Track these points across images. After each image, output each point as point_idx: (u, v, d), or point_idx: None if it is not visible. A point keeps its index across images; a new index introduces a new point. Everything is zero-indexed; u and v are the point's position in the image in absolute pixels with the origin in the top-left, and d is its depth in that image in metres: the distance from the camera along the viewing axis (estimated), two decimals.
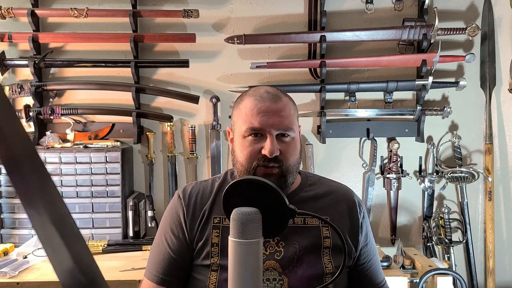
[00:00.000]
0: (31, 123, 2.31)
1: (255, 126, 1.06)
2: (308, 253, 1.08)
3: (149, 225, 2.30)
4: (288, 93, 1.18)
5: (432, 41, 2.24)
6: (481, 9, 2.36)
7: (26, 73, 2.34)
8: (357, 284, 1.17)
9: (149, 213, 2.29)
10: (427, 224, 2.37)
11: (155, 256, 1.14)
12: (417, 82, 2.27)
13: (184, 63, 2.28)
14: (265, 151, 1.05)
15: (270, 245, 1.08)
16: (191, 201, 1.15)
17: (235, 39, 2.24)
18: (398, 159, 2.36)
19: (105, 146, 2.23)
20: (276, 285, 1.05)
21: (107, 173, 2.18)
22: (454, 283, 2.10)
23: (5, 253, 2.01)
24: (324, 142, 2.34)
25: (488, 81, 2.35)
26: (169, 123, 2.32)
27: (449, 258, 2.34)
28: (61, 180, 2.17)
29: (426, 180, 2.38)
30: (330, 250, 1.09)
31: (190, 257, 1.12)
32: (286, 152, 1.08)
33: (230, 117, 1.21)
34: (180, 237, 1.12)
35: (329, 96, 2.33)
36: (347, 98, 2.34)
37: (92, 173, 2.18)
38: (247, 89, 1.25)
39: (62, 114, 2.29)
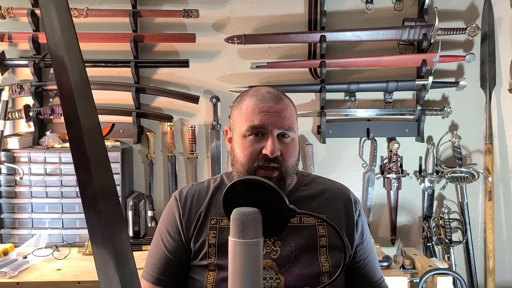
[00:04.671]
0: (31, 123, 2.31)
1: (256, 124, 1.07)
2: (304, 252, 1.08)
3: (149, 225, 2.30)
4: (288, 93, 1.19)
5: (432, 41, 2.24)
6: (481, 9, 2.36)
7: (26, 73, 2.34)
8: (354, 282, 1.17)
9: (149, 213, 2.29)
10: (427, 224, 2.37)
11: (152, 256, 1.15)
12: (417, 82, 2.27)
13: (184, 63, 2.28)
14: (266, 151, 1.05)
15: (266, 245, 1.08)
16: (187, 203, 1.16)
17: (235, 39, 2.24)
18: (398, 159, 2.36)
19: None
20: (272, 284, 1.05)
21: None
22: (454, 283, 2.10)
23: (5, 253, 2.01)
24: (324, 142, 2.34)
25: (488, 81, 2.35)
26: (169, 123, 2.32)
27: (449, 258, 2.34)
28: (61, 180, 2.17)
29: (426, 180, 2.38)
30: (327, 249, 1.10)
31: (187, 258, 1.13)
32: (285, 153, 1.08)
33: (229, 117, 1.20)
34: (176, 238, 1.13)
35: (329, 96, 2.33)
36: (347, 98, 2.34)
37: None
38: (247, 89, 1.25)
39: (62, 114, 2.28)
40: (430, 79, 2.22)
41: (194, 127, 2.35)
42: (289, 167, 1.09)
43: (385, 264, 1.95)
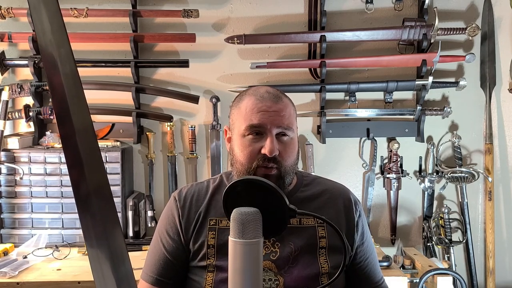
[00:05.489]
0: (31, 123, 2.31)
1: (255, 123, 1.06)
2: (303, 254, 1.08)
3: (149, 225, 2.30)
4: (288, 93, 1.19)
5: (432, 41, 2.24)
6: (481, 9, 2.36)
7: (26, 73, 2.33)
8: (354, 282, 1.17)
9: (149, 213, 2.29)
10: (427, 224, 2.37)
11: (151, 257, 1.15)
12: (417, 82, 2.27)
13: (184, 63, 2.28)
14: (265, 150, 1.05)
15: (265, 246, 1.08)
16: (186, 203, 1.16)
17: (235, 39, 2.24)
18: (398, 159, 2.36)
19: (105, 146, 2.23)
20: (271, 285, 1.05)
21: (107, 173, 2.18)
22: (454, 283, 2.10)
23: (5, 253, 2.01)
24: (324, 142, 2.34)
25: (488, 81, 2.35)
26: (169, 123, 2.32)
27: (449, 258, 2.34)
28: (61, 180, 2.17)
29: (426, 180, 2.38)
30: (326, 250, 1.10)
31: (186, 259, 1.13)
32: (284, 152, 1.08)
33: (229, 116, 1.20)
34: (176, 239, 1.13)
35: (329, 96, 2.33)
36: (347, 98, 2.34)
37: None
38: (246, 88, 1.25)
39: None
40: (430, 79, 2.22)
41: (194, 127, 2.35)
42: (288, 166, 1.09)
43: (385, 264, 1.95)
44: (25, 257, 1.98)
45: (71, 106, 0.48)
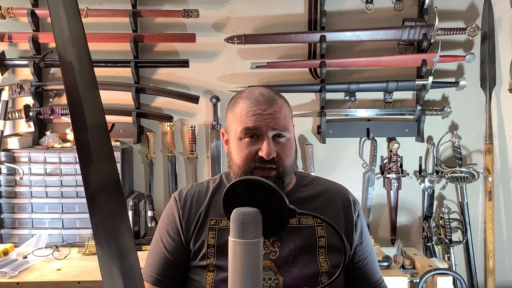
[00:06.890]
0: (31, 123, 2.31)
1: (250, 126, 1.07)
2: (303, 253, 1.09)
3: (149, 225, 2.30)
4: (288, 93, 1.19)
5: (432, 41, 2.24)
6: (481, 9, 2.36)
7: (26, 73, 2.34)
8: (353, 282, 1.17)
9: (149, 213, 2.29)
10: (427, 224, 2.37)
11: (152, 257, 1.16)
12: (417, 82, 2.27)
13: (184, 63, 2.28)
14: (262, 153, 1.06)
15: (265, 245, 1.09)
16: (187, 204, 1.16)
17: (235, 39, 2.24)
18: (398, 159, 2.36)
19: None
20: (271, 285, 1.05)
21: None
22: (454, 283, 2.10)
23: (5, 253, 2.01)
24: (324, 142, 2.34)
25: (488, 81, 2.35)
26: (169, 123, 2.32)
27: (449, 258, 2.34)
28: (61, 180, 2.17)
29: (426, 180, 2.38)
30: (326, 249, 1.10)
31: (186, 259, 1.13)
32: (282, 153, 1.09)
33: (225, 119, 1.21)
34: (176, 239, 1.13)
35: (329, 96, 2.33)
36: (347, 98, 2.34)
37: None
38: (241, 89, 1.25)
39: (62, 114, 2.29)
40: (430, 79, 2.22)
41: (194, 127, 2.35)
42: (287, 167, 1.10)
43: (385, 264, 1.95)
44: (25, 257, 1.98)
45: (85, 104, 0.49)
